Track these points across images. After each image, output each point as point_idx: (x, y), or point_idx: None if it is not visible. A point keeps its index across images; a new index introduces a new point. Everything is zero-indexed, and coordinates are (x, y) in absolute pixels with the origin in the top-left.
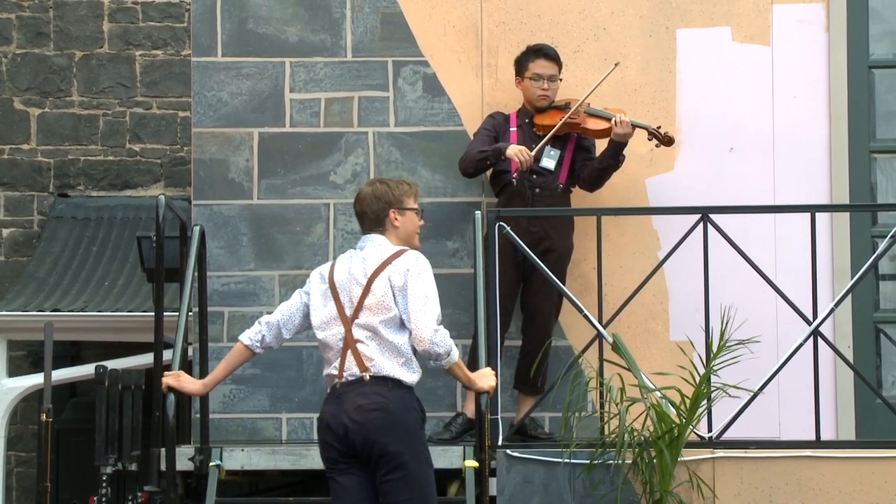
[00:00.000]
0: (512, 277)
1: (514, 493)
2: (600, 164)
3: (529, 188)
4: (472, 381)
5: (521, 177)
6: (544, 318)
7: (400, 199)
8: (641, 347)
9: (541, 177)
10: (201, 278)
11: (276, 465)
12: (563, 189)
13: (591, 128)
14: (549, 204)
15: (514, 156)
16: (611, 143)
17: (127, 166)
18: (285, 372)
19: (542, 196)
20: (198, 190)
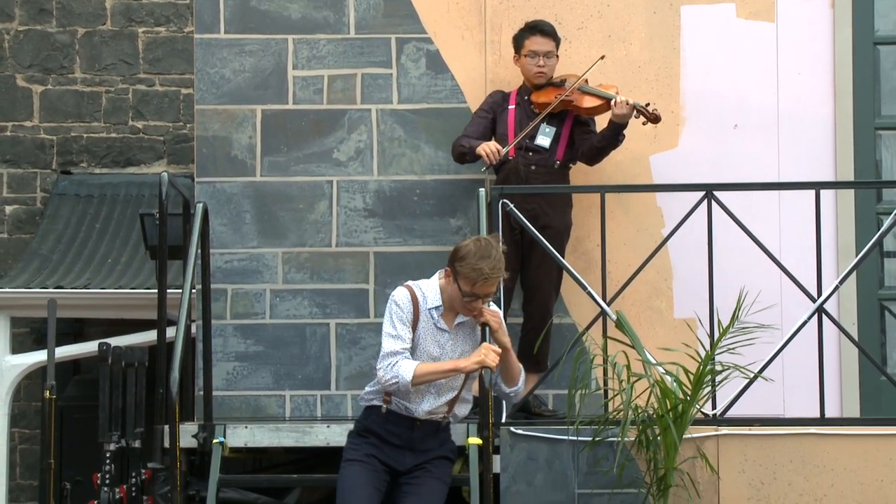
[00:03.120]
0: (511, 255)
1: (518, 470)
2: (599, 142)
3: (524, 165)
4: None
5: (517, 154)
6: (544, 296)
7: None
8: (645, 325)
9: (536, 154)
10: (204, 255)
11: (279, 442)
12: (560, 165)
13: (586, 106)
14: (546, 181)
15: (482, 152)
16: (610, 124)
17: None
18: (288, 349)
19: (538, 173)
20: (201, 167)
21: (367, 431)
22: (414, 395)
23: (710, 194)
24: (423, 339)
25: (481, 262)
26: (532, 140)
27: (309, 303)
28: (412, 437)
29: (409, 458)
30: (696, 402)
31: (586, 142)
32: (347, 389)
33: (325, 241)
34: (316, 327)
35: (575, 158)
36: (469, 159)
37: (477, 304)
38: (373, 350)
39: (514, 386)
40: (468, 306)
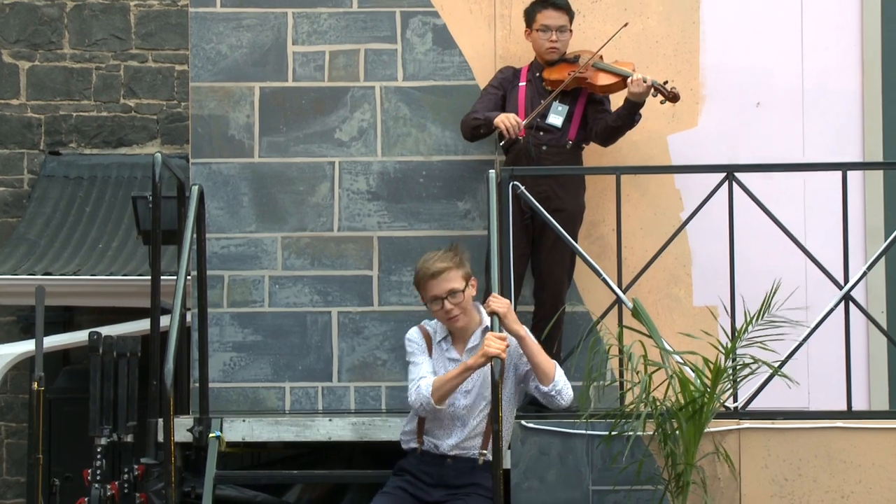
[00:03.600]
0: (521, 240)
1: (530, 465)
2: (614, 122)
3: (535, 146)
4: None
5: (527, 134)
6: (556, 283)
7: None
8: (663, 313)
9: (548, 133)
10: (200, 240)
11: (279, 436)
12: (572, 146)
13: (601, 83)
14: (557, 162)
15: (500, 124)
16: (626, 103)
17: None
18: (288, 339)
19: (550, 153)
20: (196, 147)
21: (402, 470)
22: (440, 429)
23: (731, 175)
24: (437, 373)
25: (422, 265)
26: (543, 119)
27: (310, 290)
28: (444, 475)
29: (440, 491)
30: (716, 394)
31: (600, 121)
32: (350, 381)
33: (326, 226)
34: (317, 316)
35: (588, 138)
36: (484, 132)
37: (449, 307)
38: (377, 340)
39: (549, 383)
40: (445, 315)
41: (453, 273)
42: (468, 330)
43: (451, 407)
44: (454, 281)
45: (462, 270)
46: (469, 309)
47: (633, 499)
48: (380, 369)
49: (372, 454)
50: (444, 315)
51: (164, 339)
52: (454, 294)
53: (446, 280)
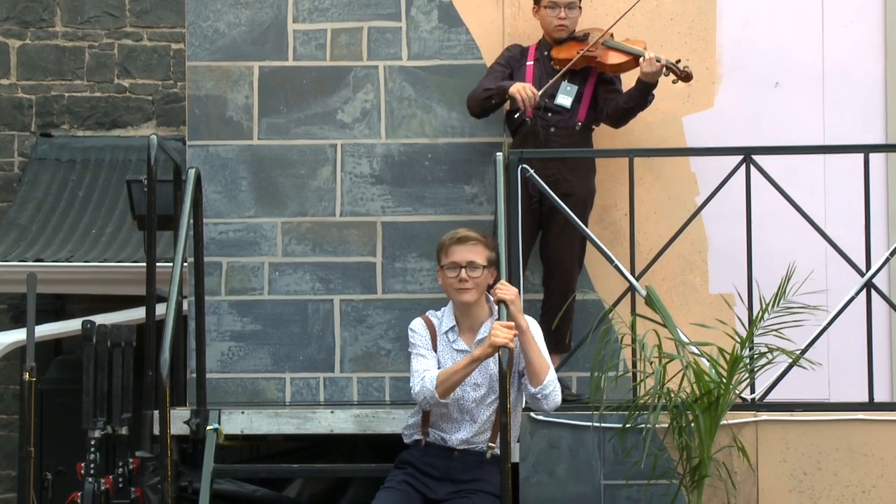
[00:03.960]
0: (528, 225)
1: (539, 459)
2: (626, 103)
3: (543, 127)
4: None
5: (534, 115)
6: (566, 270)
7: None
8: (678, 301)
9: (556, 115)
10: (197, 226)
11: (278, 429)
12: (581, 127)
13: (611, 62)
14: (566, 144)
15: (516, 93)
16: (639, 83)
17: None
18: (289, 328)
19: (558, 135)
20: (193, 129)
21: (405, 463)
22: (448, 423)
23: (748, 158)
24: (443, 363)
25: (450, 233)
26: (552, 99)
27: (311, 277)
28: (450, 468)
29: (446, 487)
30: (733, 385)
31: (611, 102)
32: (353, 372)
33: (328, 210)
34: (318, 304)
35: (598, 120)
36: (496, 102)
37: (464, 276)
38: (380, 329)
39: (538, 385)
40: (457, 283)
41: (480, 247)
42: (476, 320)
43: (460, 400)
44: (478, 255)
45: (489, 252)
46: (482, 293)
47: (647, 494)
48: (383, 359)
49: (375, 447)
50: (457, 283)
51: (160, 328)
52: (473, 267)
53: (471, 250)
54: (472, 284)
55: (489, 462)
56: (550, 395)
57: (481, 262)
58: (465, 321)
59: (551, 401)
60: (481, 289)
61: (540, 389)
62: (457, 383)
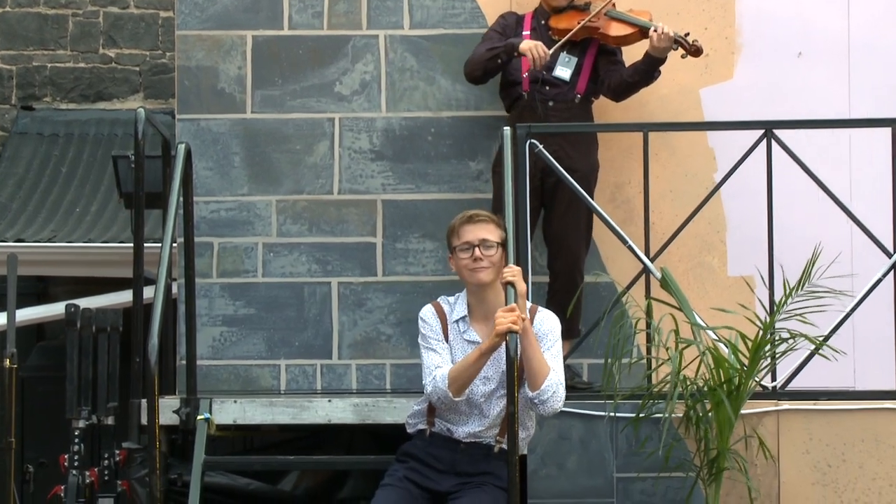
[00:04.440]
0: (531, 205)
1: (548, 451)
2: (631, 77)
3: (541, 101)
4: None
5: (531, 89)
6: (572, 251)
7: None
8: (695, 284)
9: (554, 87)
10: (187, 204)
11: (273, 418)
12: (581, 100)
13: (613, 34)
14: (566, 118)
15: (528, 51)
16: (646, 57)
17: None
18: (284, 312)
19: (557, 109)
20: (182, 102)
21: (407, 455)
22: (456, 415)
23: (769, 133)
24: (453, 355)
25: (460, 214)
26: (549, 72)
27: (307, 258)
28: (455, 461)
29: (451, 479)
30: (754, 373)
31: (613, 74)
32: (351, 359)
33: (325, 188)
34: (315, 287)
35: (599, 92)
36: (502, 62)
37: (478, 254)
38: (381, 313)
39: (534, 389)
40: (471, 264)
41: (492, 226)
42: (492, 306)
43: (468, 394)
44: (490, 233)
45: (500, 231)
46: (498, 273)
47: (662, 487)
48: (384, 345)
49: (375, 438)
50: (471, 263)
51: (148, 312)
52: (487, 245)
53: (483, 228)
54: (487, 263)
55: (496, 456)
56: (548, 401)
57: (494, 239)
58: (480, 308)
59: (549, 407)
60: (497, 268)
61: (537, 395)
62: (469, 379)
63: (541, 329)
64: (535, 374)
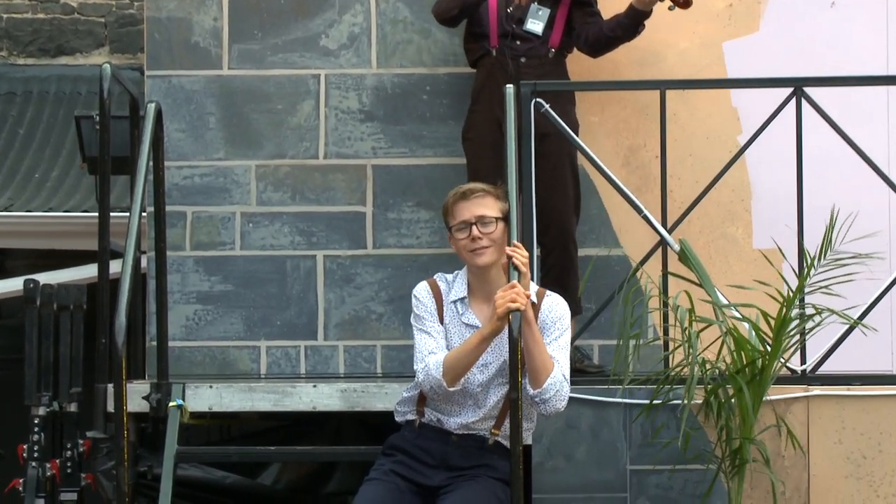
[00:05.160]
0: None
1: (555, 441)
2: (612, 31)
3: (512, 57)
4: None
5: (500, 44)
6: (562, 221)
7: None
8: (716, 257)
9: (526, 42)
10: (157, 169)
11: (252, 405)
12: (555, 54)
13: None
14: (539, 75)
15: None
16: (630, 10)
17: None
18: (264, 288)
19: (530, 66)
20: (152, 57)
21: (394, 448)
22: (448, 404)
23: (799, 91)
24: (449, 339)
25: (454, 189)
26: (520, 25)
27: (290, 230)
28: (446, 454)
29: (442, 474)
30: (778, 354)
31: (590, 27)
32: (338, 339)
33: (310, 152)
34: (299, 260)
35: (573, 46)
36: None
37: (476, 234)
38: (371, 290)
39: (536, 387)
40: (470, 244)
41: (490, 199)
42: (495, 286)
43: (464, 383)
44: (488, 207)
45: (501, 203)
46: (500, 252)
47: (680, 480)
48: (374, 325)
49: (365, 427)
50: (470, 245)
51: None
52: (485, 222)
53: (479, 204)
54: (486, 242)
55: (491, 448)
56: (550, 400)
57: (493, 214)
58: (482, 289)
59: (550, 407)
60: (499, 247)
61: (538, 393)
62: (467, 368)
63: (549, 316)
64: (537, 371)
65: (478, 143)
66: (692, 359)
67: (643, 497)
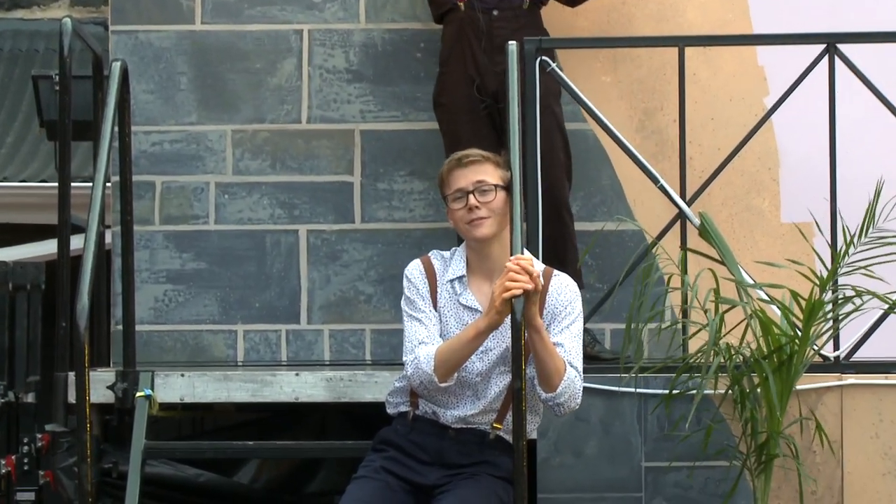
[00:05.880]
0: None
1: (562, 435)
2: None
3: (483, 11)
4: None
5: None
6: (553, 185)
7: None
8: (741, 232)
9: None
10: (123, 135)
11: (228, 395)
12: (530, 5)
13: None
14: (514, 28)
15: None
16: None
17: None
18: (242, 266)
19: (503, 19)
20: (117, 11)
21: (385, 443)
22: (444, 396)
23: (832, 48)
24: (445, 323)
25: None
26: None
27: (270, 201)
28: (442, 450)
29: (437, 472)
30: (809, 340)
31: None
32: (323, 323)
33: (291, 116)
34: (280, 236)
35: None
36: None
37: (474, 203)
38: (359, 268)
39: (549, 391)
40: (467, 215)
41: (488, 166)
42: (497, 263)
43: (462, 371)
44: (488, 174)
45: (501, 171)
46: (502, 223)
47: (700, 478)
48: (363, 307)
49: (353, 420)
50: (467, 216)
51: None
52: (483, 189)
53: (477, 171)
54: (486, 212)
55: (491, 444)
56: (565, 402)
57: (493, 181)
58: (482, 266)
59: (564, 408)
60: (500, 217)
61: (552, 397)
62: (461, 362)
63: (558, 300)
64: (549, 376)
65: (452, 108)
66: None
67: (660, 497)
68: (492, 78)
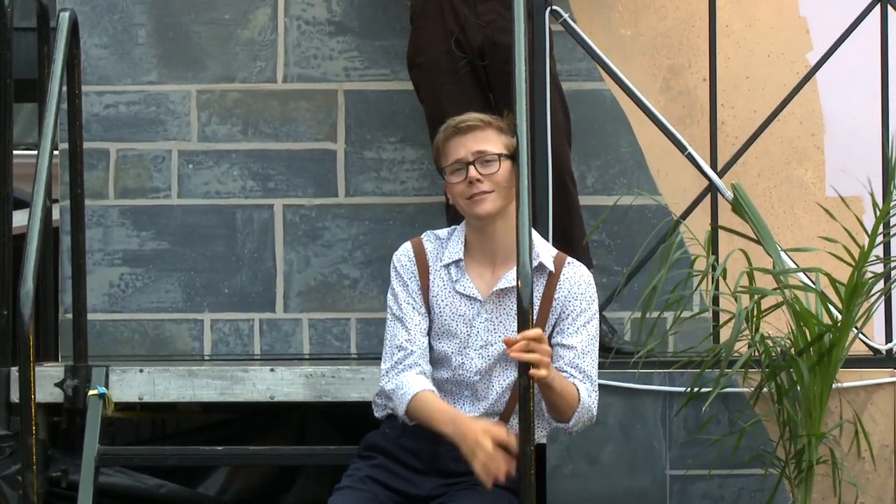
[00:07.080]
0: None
1: (575, 439)
2: None
3: None
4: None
5: None
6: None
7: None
8: (779, 206)
9: None
10: (72, 96)
11: (194, 394)
12: None
13: None
14: None
15: None
16: None
17: None
18: (209, 246)
19: None
20: None
21: (373, 449)
22: (441, 394)
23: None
24: (439, 313)
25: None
26: None
27: (241, 172)
28: (438, 456)
29: (432, 481)
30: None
31: None
32: (302, 312)
33: (266, 74)
34: (252, 211)
35: None
36: None
37: (474, 175)
38: (343, 248)
39: (563, 421)
40: (467, 190)
41: (491, 132)
42: (501, 245)
43: (458, 369)
44: (490, 142)
45: (505, 138)
46: (507, 197)
47: (733, 488)
48: (347, 293)
49: (336, 423)
50: (467, 190)
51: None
52: (486, 160)
53: (478, 138)
54: (488, 186)
55: None
56: (579, 423)
57: (496, 150)
58: (483, 248)
59: (579, 429)
60: (505, 191)
61: (564, 427)
62: (427, 425)
63: (570, 294)
64: (562, 412)
65: (431, 68)
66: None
67: None
68: (476, 31)
